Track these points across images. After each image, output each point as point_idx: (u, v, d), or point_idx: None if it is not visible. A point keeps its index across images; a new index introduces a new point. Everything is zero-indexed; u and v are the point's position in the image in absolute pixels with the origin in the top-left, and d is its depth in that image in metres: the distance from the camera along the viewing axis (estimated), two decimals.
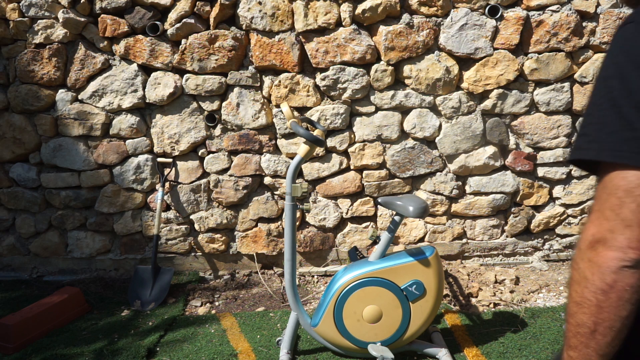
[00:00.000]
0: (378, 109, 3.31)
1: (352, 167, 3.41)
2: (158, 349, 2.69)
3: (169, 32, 3.23)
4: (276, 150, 3.42)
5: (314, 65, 3.25)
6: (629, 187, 0.72)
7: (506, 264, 3.50)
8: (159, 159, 3.46)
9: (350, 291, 2.28)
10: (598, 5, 3.14)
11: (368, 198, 3.45)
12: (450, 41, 3.17)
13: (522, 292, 3.08)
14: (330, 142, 3.35)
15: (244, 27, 3.23)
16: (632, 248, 0.71)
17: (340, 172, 3.42)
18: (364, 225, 3.49)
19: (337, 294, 2.29)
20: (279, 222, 3.53)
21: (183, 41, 3.24)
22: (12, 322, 2.72)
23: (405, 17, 3.16)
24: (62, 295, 3.04)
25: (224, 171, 3.46)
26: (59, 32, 3.29)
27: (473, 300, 2.99)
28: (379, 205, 3.42)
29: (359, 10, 3.13)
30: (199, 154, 3.46)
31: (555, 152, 3.32)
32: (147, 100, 3.36)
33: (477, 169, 3.35)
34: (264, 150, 3.41)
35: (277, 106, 3.34)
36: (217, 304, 3.24)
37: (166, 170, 3.47)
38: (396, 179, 3.42)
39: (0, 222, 3.67)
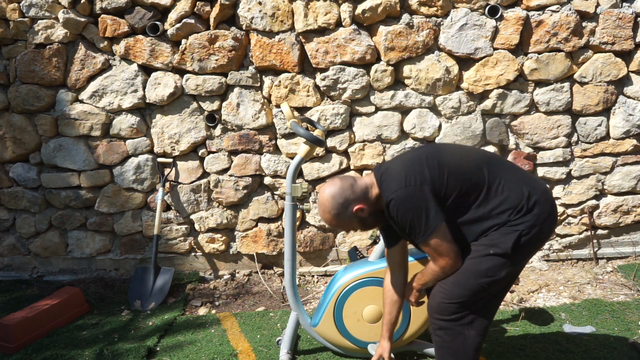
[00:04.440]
0: (378, 109, 3.32)
1: (352, 167, 3.41)
2: (158, 348, 2.69)
3: (169, 32, 3.23)
4: (276, 150, 3.43)
5: (314, 66, 3.25)
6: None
7: None
8: (159, 159, 3.46)
9: (350, 291, 2.28)
10: (598, 5, 3.14)
11: None
12: (450, 41, 3.17)
13: (522, 292, 3.08)
14: (330, 142, 3.35)
15: (244, 27, 3.24)
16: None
17: (340, 172, 3.42)
18: None
19: (337, 294, 2.30)
20: (279, 222, 3.54)
21: (183, 41, 3.24)
22: (13, 322, 2.72)
23: (405, 17, 3.17)
24: (62, 295, 3.05)
25: (224, 171, 3.47)
26: (59, 32, 3.29)
27: None
28: None
29: (359, 10, 3.13)
30: (199, 154, 3.46)
31: (555, 152, 3.32)
32: (147, 100, 3.36)
33: None
34: (264, 150, 3.41)
35: (277, 106, 3.34)
36: (217, 303, 3.25)
37: (166, 170, 3.47)
38: None
39: (0, 222, 3.67)
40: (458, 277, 1.81)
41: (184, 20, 3.19)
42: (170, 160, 3.46)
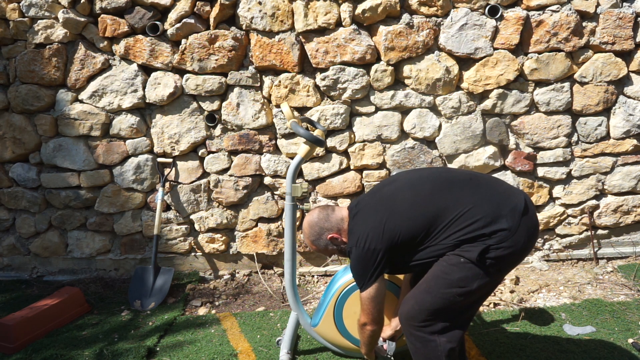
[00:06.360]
0: (378, 109, 3.31)
1: (352, 167, 3.41)
2: (158, 349, 2.69)
3: (169, 32, 3.23)
4: (276, 150, 3.43)
5: (314, 65, 3.25)
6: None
7: None
8: (159, 159, 3.46)
9: (350, 291, 2.28)
10: (598, 5, 3.13)
11: None
12: (450, 41, 3.17)
13: (522, 292, 3.08)
14: (330, 142, 3.35)
15: (244, 27, 3.24)
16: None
17: (340, 172, 3.42)
18: None
19: (337, 294, 2.29)
20: (279, 222, 3.53)
21: (183, 41, 3.24)
22: (13, 322, 2.72)
23: (405, 17, 3.16)
24: (62, 295, 3.05)
25: (224, 171, 3.47)
26: (59, 32, 3.29)
27: None
28: None
29: (359, 10, 3.13)
30: (199, 154, 3.46)
31: (555, 152, 3.32)
32: (147, 100, 3.36)
33: (477, 169, 3.35)
34: (264, 150, 3.41)
35: (277, 106, 3.34)
36: (217, 303, 3.25)
37: (166, 170, 3.47)
38: None
39: (0, 222, 3.67)
40: (430, 284, 1.85)
41: (184, 20, 3.19)
42: (170, 160, 3.46)
